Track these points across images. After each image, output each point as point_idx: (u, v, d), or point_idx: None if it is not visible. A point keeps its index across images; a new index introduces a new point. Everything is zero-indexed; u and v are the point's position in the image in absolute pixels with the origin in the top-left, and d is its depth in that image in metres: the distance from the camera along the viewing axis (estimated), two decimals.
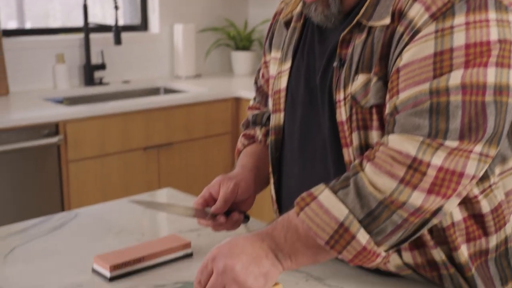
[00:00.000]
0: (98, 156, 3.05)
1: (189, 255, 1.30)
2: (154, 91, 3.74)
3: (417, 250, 1.10)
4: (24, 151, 2.84)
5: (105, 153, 3.07)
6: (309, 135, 1.19)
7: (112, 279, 1.19)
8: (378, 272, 1.18)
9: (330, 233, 0.98)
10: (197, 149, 3.38)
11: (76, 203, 2.96)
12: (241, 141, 1.43)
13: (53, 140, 2.88)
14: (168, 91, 3.73)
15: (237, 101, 3.47)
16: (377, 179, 0.97)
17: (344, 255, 0.99)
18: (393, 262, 1.11)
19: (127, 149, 3.14)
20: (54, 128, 2.90)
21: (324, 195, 1.00)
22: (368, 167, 0.99)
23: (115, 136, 3.08)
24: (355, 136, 1.08)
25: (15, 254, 1.33)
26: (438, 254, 1.09)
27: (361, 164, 1.01)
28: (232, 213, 1.26)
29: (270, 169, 1.30)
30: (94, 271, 1.23)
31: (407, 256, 1.10)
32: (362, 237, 0.97)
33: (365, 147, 1.08)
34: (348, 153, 1.10)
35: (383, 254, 1.00)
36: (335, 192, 0.99)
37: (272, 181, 1.30)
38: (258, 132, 1.40)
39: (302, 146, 1.21)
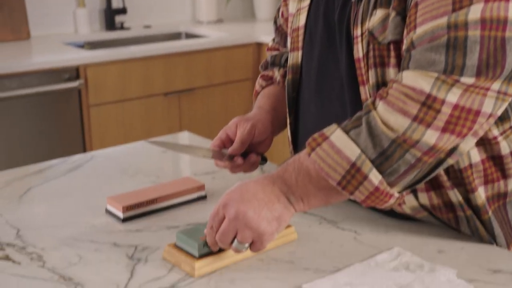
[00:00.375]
0: (119, 101, 3.05)
1: (203, 198, 1.30)
2: (175, 36, 3.70)
3: (434, 191, 1.07)
4: (45, 95, 2.84)
5: (126, 98, 3.06)
6: (326, 73, 1.16)
7: (125, 220, 1.19)
8: (393, 215, 1.16)
9: (342, 173, 0.96)
10: (218, 95, 3.36)
11: (98, 148, 2.98)
12: (259, 82, 1.40)
13: (74, 84, 2.88)
14: (189, 36, 3.69)
15: (259, 47, 3.41)
16: (389, 117, 0.94)
17: (356, 195, 0.97)
18: (409, 203, 1.09)
19: (148, 94, 3.13)
20: (74, 72, 2.90)
21: (336, 135, 0.97)
22: (380, 105, 0.96)
23: (136, 81, 3.07)
24: (371, 73, 1.05)
25: (30, 194, 1.34)
26: (454, 196, 1.06)
27: (373, 102, 0.97)
28: (249, 154, 1.25)
29: (287, 109, 1.27)
30: (108, 212, 1.23)
31: (423, 197, 1.08)
32: (375, 177, 0.95)
33: (382, 85, 1.05)
34: (365, 92, 1.07)
35: (396, 195, 0.98)
36: (347, 132, 0.97)
37: (288, 121, 1.28)
38: (276, 73, 1.37)
39: (319, 85, 1.18)
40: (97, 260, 1.06)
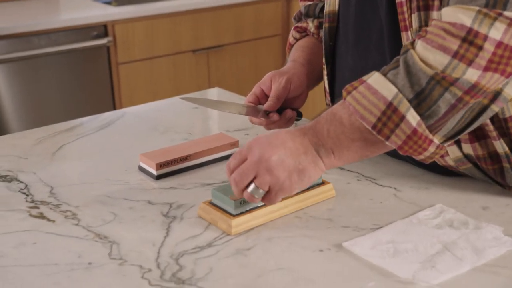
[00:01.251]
0: (148, 59, 3.02)
1: None
2: None
3: (478, 142, 1.03)
4: (73, 52, 2.83)
5: (154, 56, 3.03)
6: (365, 20, 1.11)
7: (158, 177, 1.17)
8: (434, 170, 1.12)
9: (377, 115, 0.90)
10: (247, 51, 3.31)
11: (128, 105, 2.96)
12: (292, 34, 1.35)
13: (102, 41, 2.85)
14: None
15: (288, 1, 3.34)
16: (428, 55, 0.88)
17: (392, 140, 0.92)
18: (453, 154, 1.05)
19: (176, 51, 3.09)
20: (102, 30, 2.87)
21: (373, 77, 0.92)
22: (419, 44, 0.90)
23: (163, 38, 3.03)
24: (415, 17, 1.00)
25: (62, 152, 1.32)
26: (501, 146, 1.02)
27: (412, 42, 0.92)
28: (285, 110, 1.21)
29: (324, 60, 1.23)
30: (141, 169, 1.21)
31: (468, 148, 1.04)
32: (412, 118, 0.89)
33: None
34: (407, 37, 1.02)
35: (436, 142, 0.93)
36: (384, 74, 0.92)
37: (325, 72, 1.23)
38: (311, 25, 1.32)
39: (357, 34, 1.13)
40: (131, 218, 1.04)
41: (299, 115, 1.24)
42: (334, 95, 1.23)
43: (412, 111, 0.89)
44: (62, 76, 2.85)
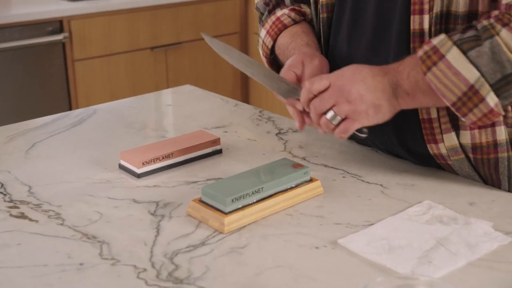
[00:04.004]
0: (105, 56, 2.96)
1: (218, 152, 1.25)
2: None
3: (478, 130, 1.04)
4: (27, 48, 2.74)
5: (111, 52, 2.98)
6: (361, 8, 1.11)
7: (141, 175, 1.14)
8: (422, 163, 1.14)
9: (458, 94, 0.95)
10: (205, 49, 3.28)
11: (84, 104, 2.90)
12: (290, 15, 1.25)
13: (58, 37, 2.78)
14: None
15: (246, 0, 3.34)
16: None
17: (469, 117, 0.97)
18: (448, 142, 1.06)
19: (134, 49, 3.04)
20: (58, 25, 2.79)
21: (453, 55, 0.94)
22: (504, 32, 0.92)
23: (121, 34, 2.98)
24: (437, 1, 1.00)
25: (36, 150, 1.28)
26: (503, 133, 1.04)
27: (493, 26, 0.94)
28: None
29: (323, 50, 1.21)
30: (121, 167, 1.18)
31: (466, 136, 1.05)
32: (491, 100, 0.94)
33: (445, 15, 1.01)
34: (421, 21, 1.02)
35: (503, 113, 0.98)
36: (464, 51, 0.94)
37: None
38: (309, 10, 1.27)
39: (352, 21, 1.13)
40: (118, 217, 1.01)
41: None
42: None
43: (492, 94, 0.94)
44: (16, 73, 2.76)
